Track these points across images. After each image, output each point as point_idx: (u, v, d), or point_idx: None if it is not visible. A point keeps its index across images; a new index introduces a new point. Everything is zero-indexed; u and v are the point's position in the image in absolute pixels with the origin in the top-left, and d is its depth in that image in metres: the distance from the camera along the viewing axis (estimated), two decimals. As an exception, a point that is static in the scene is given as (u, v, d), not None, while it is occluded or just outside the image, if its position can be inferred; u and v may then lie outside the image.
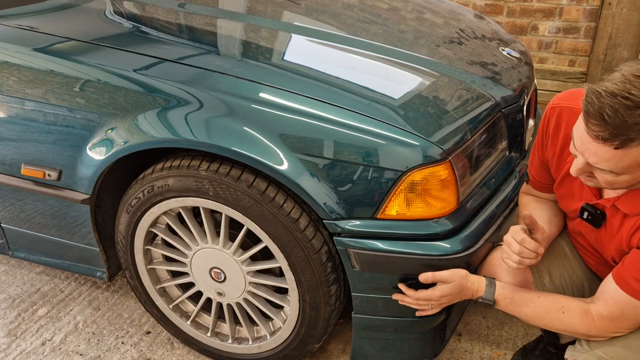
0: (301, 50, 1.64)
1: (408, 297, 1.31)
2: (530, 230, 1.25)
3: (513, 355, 1.74)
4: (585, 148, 0.99)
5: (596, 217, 1.20)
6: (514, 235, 1.24)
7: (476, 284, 1.27)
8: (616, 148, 0.93)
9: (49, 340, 1.84)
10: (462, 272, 1.27)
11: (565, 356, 1.26)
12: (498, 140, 1.54)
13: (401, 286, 1.33)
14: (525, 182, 1.48)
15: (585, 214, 1.22)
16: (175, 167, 1.40)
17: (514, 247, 1.24)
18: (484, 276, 1.30)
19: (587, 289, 1.39)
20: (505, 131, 1.57)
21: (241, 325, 1.65)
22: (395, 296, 1.34)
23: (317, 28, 1.76)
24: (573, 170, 1.07)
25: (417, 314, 1.35)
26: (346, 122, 1.28)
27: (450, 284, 1.26)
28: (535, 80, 1.96)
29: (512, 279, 1.34)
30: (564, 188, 1.30)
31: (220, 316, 1.69)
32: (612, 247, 1.19)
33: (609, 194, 1.18)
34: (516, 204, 1.52)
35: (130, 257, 1.62)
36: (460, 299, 1.29)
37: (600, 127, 0.92)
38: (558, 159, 1.29)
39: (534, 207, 1.40)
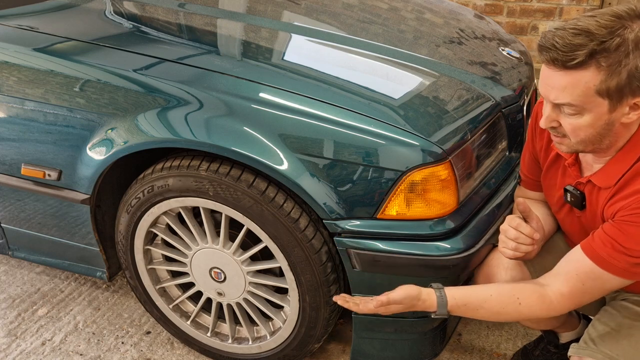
0: (301, 50, 1.65)
1: (351, 305, 1.22)
2: (525, 218, 1.27)
3: (513, 355, 1.74)
4: (545, 85, 1.06)
5: (577, 197, 1.21)
6: (509, 222, 1.26)
7: (427, 302, 1.20)
8: (566, 68, 1.00)
9: (49, 340, 1.84)
10: (413, 293, 1.19)
11: (569, 354, 1.26)
12: (498, 140, 1.54)
13: (339, 300, 1.23)
14: (517, 185, 1.49)
15: (568, 196, 1.24)
16: (175, 167, 1.40)
17: (510, 233, 1.25)
18: (432, 287, 1.22)
19: None
20: (505, 131, 1.57)
21: (241, 325, 1.65)
22: (336, 298, 1.23)
23: (317, 28, 1.76)
24: (542, 120, 1.11)
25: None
26: (346, 122, 1.28)
27: (400, 306, 1.20)
28: (535, 80, 1.96)
29: (510, 277, 1.34)
30: (549, 177, 1.32)
31: (220, 316, 1.68)
32: (596, 228, 1.20)
33: (588, 172, 1.19)
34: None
35: (130, 257, 1.62)
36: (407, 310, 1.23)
37: (550, 52, 1.01)
38: (545, 150, 1.31)
39: None
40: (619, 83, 0.99)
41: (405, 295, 1.19)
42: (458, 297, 1.20)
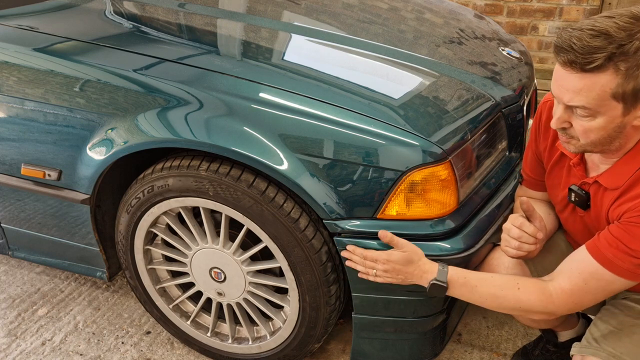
0: (301, 50, 1.65)
1: (356, 255, 1.30)
2: (528, 217, 1.27)
3: (513, 355, 1.74)
4: (559, 86, 1.04)
5: (582, 197, 1.21)
6: (513, 221, 1.26)
7: (428, 265, 1.25)
8: (583, 71, 0.99)
9: (49, 340, 1.84)
10: (418, 250, 1.25)
11: (572, 353, 1.26)
12: (498, 140, 1.54)
13: (350, 247, 1.31)
14: (519, 184, 1.49)
15: (573, 196, 1.24)
16: (175, 167, 1.40)
17: (513, 232, 1.25)
18: (438, 261, 1.28)
19: None
20: (505, 131, 1.57)
21: (241, 325, 1.65)
22: (344, 253, 1.32)
23: (317, 28, 1.76)
24: (553, 121, 1.10)
25: (359, 275, 1.32)
26: (346, 122, 1.28)
27: (401, 253, 1.24)
28: (535, 80, 1.96)
29: None
30: (553, 177, 1.32)
31: (220, 316, 1.69)
32: (600, 229, 1.20)
33: (594, 172, 1.20)
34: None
35: (130, 257, 1.62)
36: (405, 277, 1.26)
37: (568, 53, 1.00)
38: (550, 150, 1.31)
39: None
40: (635, 87, 0.98)
41: (409, 245, 1.25)
42: (460, 269, 1.24)
